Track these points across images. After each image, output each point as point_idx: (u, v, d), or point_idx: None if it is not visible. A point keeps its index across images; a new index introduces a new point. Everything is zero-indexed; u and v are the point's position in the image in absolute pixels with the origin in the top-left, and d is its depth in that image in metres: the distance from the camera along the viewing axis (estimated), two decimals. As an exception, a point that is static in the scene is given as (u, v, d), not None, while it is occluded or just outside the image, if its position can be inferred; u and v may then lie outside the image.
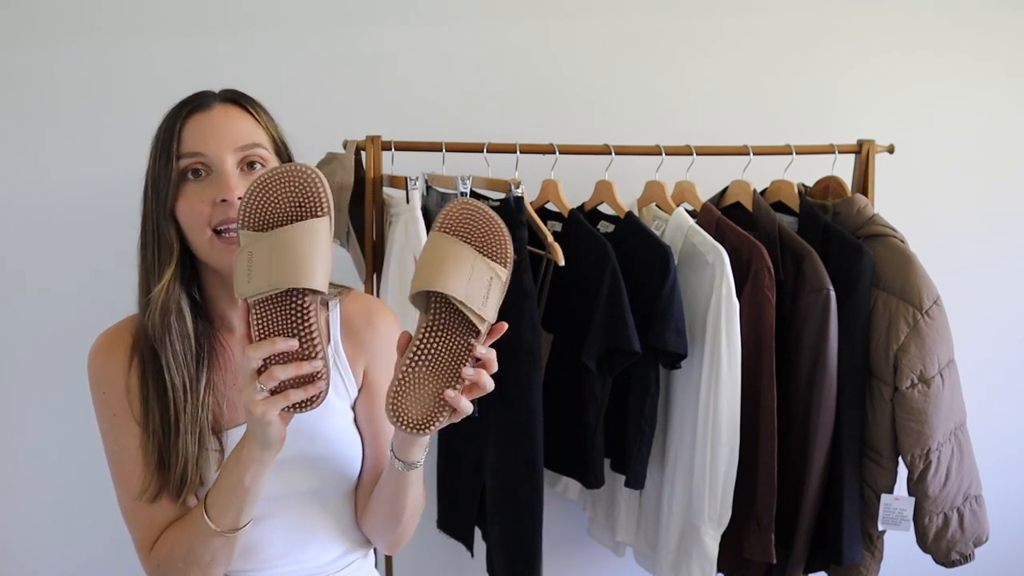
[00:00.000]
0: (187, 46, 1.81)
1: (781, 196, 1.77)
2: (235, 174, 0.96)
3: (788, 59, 2.08)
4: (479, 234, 0.90)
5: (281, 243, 0.84)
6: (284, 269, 0.83)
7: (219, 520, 0.93)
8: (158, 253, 0.97)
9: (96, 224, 1.81)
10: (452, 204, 0.91)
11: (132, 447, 0.98)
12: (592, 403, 1.57)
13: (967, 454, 1.62)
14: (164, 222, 0.96)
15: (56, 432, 1.86)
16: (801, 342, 1.58)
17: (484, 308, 0.87)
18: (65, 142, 1.79)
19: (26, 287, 1.82)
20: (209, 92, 1.01)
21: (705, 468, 1.56)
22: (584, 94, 1.99)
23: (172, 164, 0.95)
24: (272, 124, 1.03)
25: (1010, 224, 2.23)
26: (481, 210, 0.90)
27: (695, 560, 1.59)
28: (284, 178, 0.86)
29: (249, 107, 1.01)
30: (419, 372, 0.89)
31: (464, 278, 0.86)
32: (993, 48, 2.16)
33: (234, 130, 0.97)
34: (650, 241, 1.56)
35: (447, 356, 0.89)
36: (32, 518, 1.89)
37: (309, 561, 1.06)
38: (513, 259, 0.91)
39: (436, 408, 0.89)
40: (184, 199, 0.96)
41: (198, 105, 0.98)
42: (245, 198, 0.86)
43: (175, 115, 0.98)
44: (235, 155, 0.96)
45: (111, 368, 0.99)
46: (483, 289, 0.87)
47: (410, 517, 1.06)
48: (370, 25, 1.89)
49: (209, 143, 0.95)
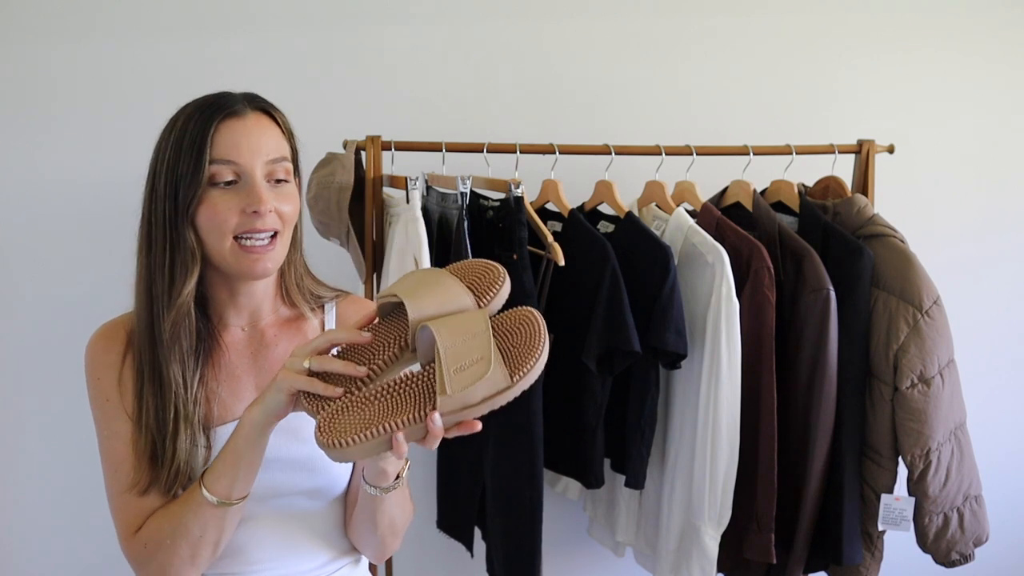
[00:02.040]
0: (187, 46, 1.81)
1: (781, 196, 1.77)
2: (265, 185, 0.96)
3: (788, 59, 2.08)
4: (516, 342, 0.85)
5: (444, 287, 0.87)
6: (416, 296, 0.85)
7: (213, 487, 0.92)
8: (176, 257, 0.96)
9: (95, 225, 1.81)
10: (506, 295, 0.90)
11: (124, 435, 0.98)
12: (592, 403, 1.57)
13: (967, 454, 1.63)
14: (183, 226, 0.95)
15: (56, 432, 1.86)
16: (801, 342, 1.58)
17: (460, 390, 0.80)
18: (63, 143, 1.79)
19: (24, 287, 1.82)
20: (234, 95, 1.00)
21: (705, 468, 1.56)
22: (584, 94, 1.99)
23: (202, 169, 0.94)
24: (293, 136, 1.04)
25: (1010, 224, 2.23)
26: (531, 319, 0.87)
27: (695, 560, 1.59)
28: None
29: (278, 119, 1.02)
30: (370, 395, 0.84)
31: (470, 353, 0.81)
32: (993, 48, 2.16)
33: (266, 142, 0.97)
34: (650, 241, 1.56)
35: (411, 392, 0.84)
36: (33, 518, 1.89)
37: (297, 565, 1.06)
38: (524, 376, 0.83)
39: (373, 441, 0.81)
40: (209, 205, 0.95)
41: (232, 112, 0.97)
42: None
43: (207, 118, 0.96)
44: (265, 167, 0.97)
45: (108, 357, 1.00)
46: (472, 380, 0.81)
47: (391, 532, 1.06)
48: (370, 25, 1.89)
49: (243, 152, 0.95)
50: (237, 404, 1.03)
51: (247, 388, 1.04)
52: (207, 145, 0.94)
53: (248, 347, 1.06)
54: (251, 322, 1.07)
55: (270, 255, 0.98)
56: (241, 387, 1.04)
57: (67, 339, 1.80)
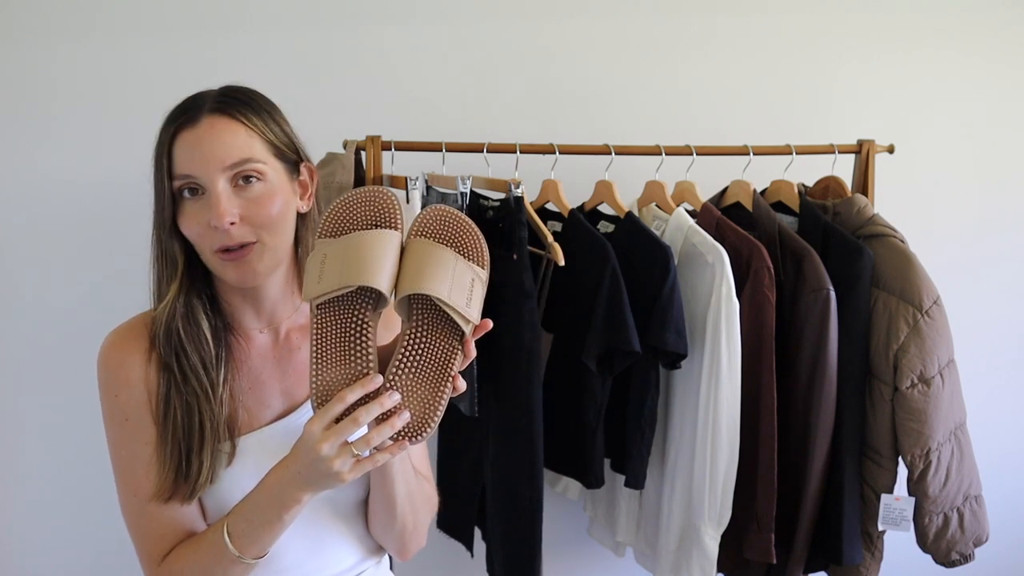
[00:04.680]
0: (187, 46, 1.81)
1: (781, 196, 1.77)
2: (226, 194, 0.92)
3: (788, 59, 2.08)
4: (456, 237, 0.90)
5: (356, 244, 0.86)
6: (355, 268, 0.84)
7: (247, 550, 0.92)
8: (164, 266, 0.97)
9: (95, 225, 1.81)
10: (426, 210, 0.91)
11: (145, 452, 0.95)
12: (592, 403, 1.57)
13: (967, 454, 1.62)
14: (167, 237, 0.95)
15: (56, 433, 1.86)
16: (801, 342, 1.58)
17: (468, 309, 0.87)
18: (63, 143, 1.79)
19: (24, 287, 1.82)
20: (200, 98, 0.96)
21: (705, 468, 1.56)
22: (584, 94, 1.99)
23: (166, 183, 0.93)
24: (269, 127, 0.98)
25: (1010, 224, 2.23)
26: (454, 214, 0.91)
27: (695, 560, 1.59)
28: (363, 197, 0.90)
29: (239, 115, 0.95)
30: (406, 380, 0.88)
31: (447, 280, 0.86)
32: (994, 48, 2.16)
33: (222, 148, 0.92)
34: (650, 241, 1.56)
35: (433, 360, 0.88)
36: (33, 518, 1.89)
37: (325, 569, 1.05)
38: (489, 260, 0.91)
39: (428, 412, 0.88)
40: (184, 217, 0.94)
41: (186, 120, 0.93)
42: (326, 214, 0.89)
43: (166, 131, 0.94)
44: (225, 173, 0.92)
45: (125, 369, 0.96)
46: (466, 291, 0.87)
47: (408, 513, 1.03)
48: (370, 25, 1.89)
49: (197, 165, 0.92)
50: (264, 410, 1.01)
51: (273, 393, 1.03)
52: (164, 159, 0.93)
53: (272, 351, 1.04)
54: (270, 324, 1.04)
55: (251, 264, 0.94)
56: (266, 392, 1.02)
57: (67, 339, 1.81)
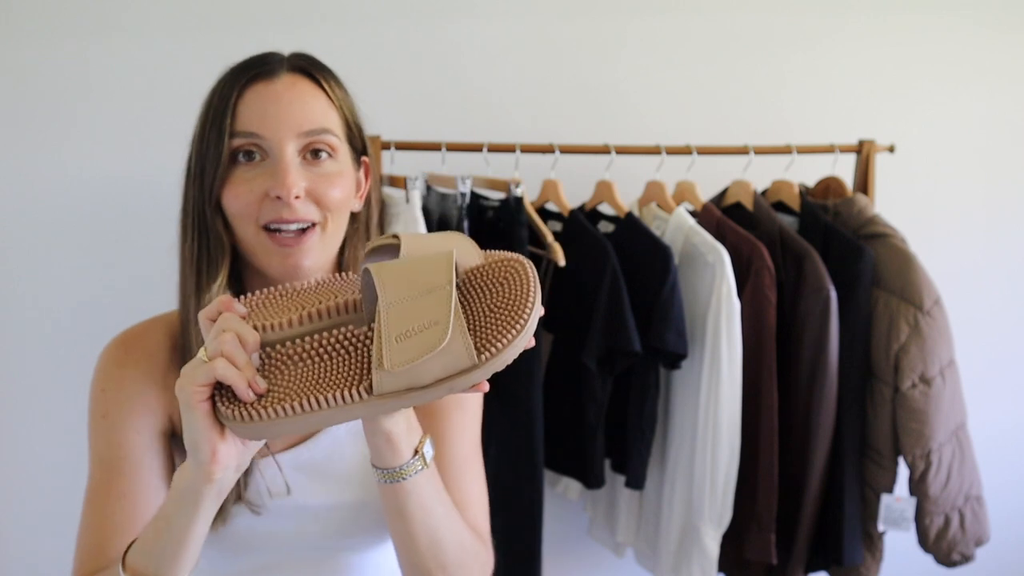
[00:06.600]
0: (187, 46, 1.81)
1: (781, 196, 1.77)
2: (294, 164, 0.79)
3: (788, 59, 2.07)
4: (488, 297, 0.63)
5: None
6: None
7: (137, 567, 0.71)
8: (204, 247, 0.81)
9: (96, 225, 1.80)
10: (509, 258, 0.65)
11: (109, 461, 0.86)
12: (592, 403, 1.57)
13: (968, 454, 1.62)
14: (210, 210, 0.80)
15: (56, 433, 1.85)
16: (802, 342, 1.58)
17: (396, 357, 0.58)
18: (64, 143, 1.79)
19: (24, 287, 1.82)
20: (276, 55, 0.84)
21: (706, 468, 1.56)
22: (584, 94, 1.99)
23: (223, 143, 0.79)
24: (347, 102, 0.87)
25: (1011, 224, 2.23)
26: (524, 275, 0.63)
27: (695, 560, 1.59)
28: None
29: (323, 80, 0.84)
30: (295, 357, 0.64)
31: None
32: (994, 48, 2.15)
33: (301, 110, 0.80)
34: (650, 241, 1.56)
35: (333, 368, 0.62)
36: (33, 518, 1.89)
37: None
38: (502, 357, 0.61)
39: (279, 403, 0.61)
40: (231, 185, 0.80)
41: (260, 72, 0.81)
42: None
43: (232, 81, 0.81)
44: (298, 140, 0.80)
45: (125, 370, 0.86)
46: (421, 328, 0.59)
47: (433, 569, 0.78)
48: (370, 25, 1.89)
49: (268, 123, 0.79)
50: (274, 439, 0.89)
51: None
52: (228, 115, 0.79)
53: None
54: None
55: (304, 250, 0.80)
56: None
57: (67, 339, 1.81)
